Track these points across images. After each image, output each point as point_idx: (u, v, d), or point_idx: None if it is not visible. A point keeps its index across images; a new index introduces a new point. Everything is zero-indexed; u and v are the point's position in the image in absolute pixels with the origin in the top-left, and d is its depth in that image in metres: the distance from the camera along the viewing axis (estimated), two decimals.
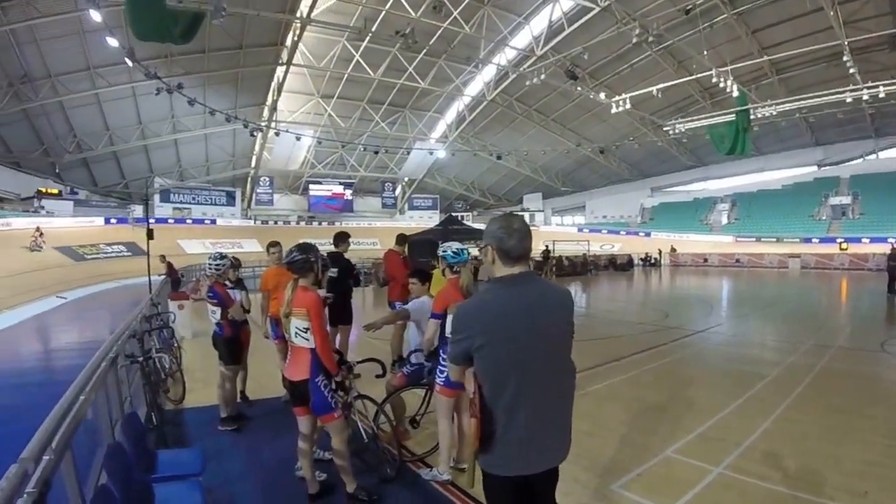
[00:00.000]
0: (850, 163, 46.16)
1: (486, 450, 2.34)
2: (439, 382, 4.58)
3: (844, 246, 39.60)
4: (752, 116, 31.73)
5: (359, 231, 44.45)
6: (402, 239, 9.35)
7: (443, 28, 32.37)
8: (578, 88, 36.43)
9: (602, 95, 36.93)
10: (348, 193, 57.03)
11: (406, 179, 58.53)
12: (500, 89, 41.14)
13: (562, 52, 33.38)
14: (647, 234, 54.36)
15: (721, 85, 30.50)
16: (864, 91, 30.22)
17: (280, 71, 36.70)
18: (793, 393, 7.12)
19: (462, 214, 52.55)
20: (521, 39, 35.94)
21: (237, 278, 7.25)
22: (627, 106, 35.24)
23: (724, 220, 52.22)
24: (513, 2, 33.31)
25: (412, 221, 56.64)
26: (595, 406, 6.62)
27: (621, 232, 57.07)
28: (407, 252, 9.40)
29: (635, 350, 10.12)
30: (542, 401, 2.37)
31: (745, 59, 32.01)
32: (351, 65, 37.55)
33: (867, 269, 35.51)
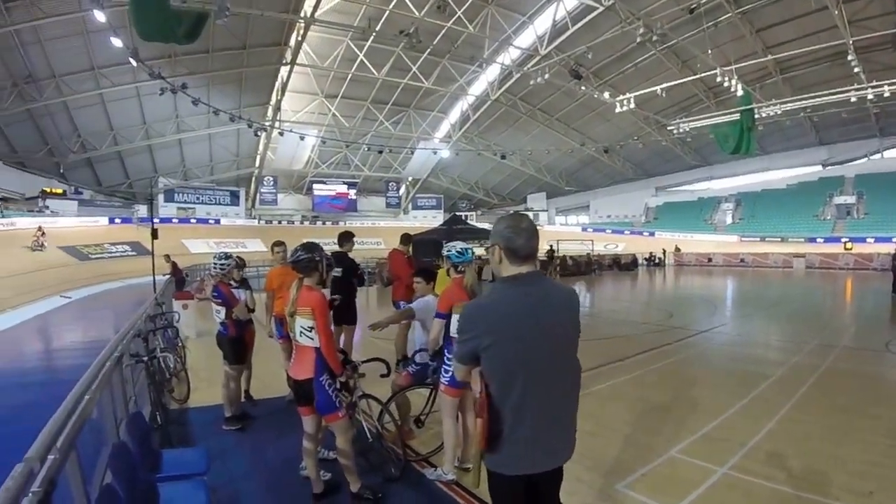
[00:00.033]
0: (855, 162, 46.14)
1: (493, 449, 2.33)
2: (444, 382, 4.57)
3: (849, 245, 39.56)
4: (756, 116, 31.71)
5: (363, 231, 44.56)
6: (407, 238, 9.35)
7: (447, 27, 32.40)
8: (582, 88, 36.47)
9: (606, 95, 36.97)
10: (352, 193, 57.07)
11: (410, 179, 58.63)
12: (504, 89, 41.13)
13: (566, 51, 33.40)
14: (652, 234, 54.29)
15: (725, 84, 30.54)
16: (869, 90, 30.20)
17: (284, 71, 36.80)
18: (797, 393, 7.09)
19: (466, 214, 52.59)
20: (525, 39, 35.97)
21: (241, 278, 7.26)
22: (631, 105, 35.23)
23: (729, 220, 52.19)
24: (517, 1, 33.30)
25: (416, 221, 56.56)
26: (599, 406, 6.60)
27: (625, 231, 57.07)
28: (411, 252, 9.39)
29: (639, 350, 10.09)
30: (548, 400, 2.36)
31: (750, 58, 32.03)
32: (355, 64, 37.58)
33: (872, 269, 35.39)
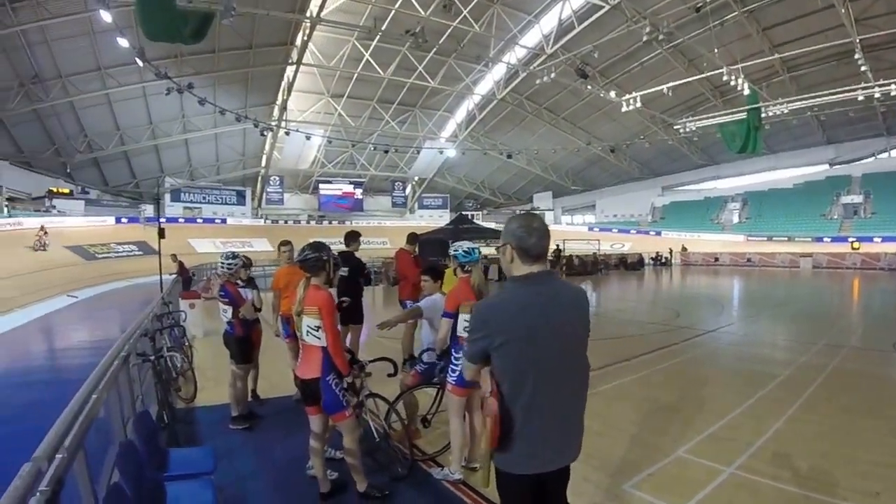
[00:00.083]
0: (862, 161, 46.00)
1: (503, 449, 2.33)
2: (451, 381, 4.56)
3: (856, 245, 39.43)
4: (763, 115, 31.59)
5: (369, 230, 44.57)
6: (413, 238, 9.35)
7: (452, 27, 32.45)
8: (589, 87, 36.44)
9: (612, 94, 36.93)
10: (358, 193, 57.12)
11: (416, 178, 58.63)
12: (510, 88, 41.18)
13: (572, 50, 33.39)
14: (658, 234, 54.26)
15: (732, 83, 30.43)
16: (876, 89, 30.08)
17: (290, 70, 36.84)
18: (805, 393, 7.06)
19: (472, 213, 52.53)
20: (531, 38, 35.97)
21: (248, 277, 7.26)
22: (638, 104, 35.19)
23: (736, 219, 52.09)
24: (522, 0, 33.28)
25: (422, 220, 56.61)
26: (606, 405, 6.57)
27: (632, 231, 57.06)
28: (417, 251, 9.39)
29: (646, 350, 10.06)
30: (557, 399, 2.37)
31: (756, 56, 31.96)
32: (361, 64, 37.64)
33: (879, 269, 35.32)
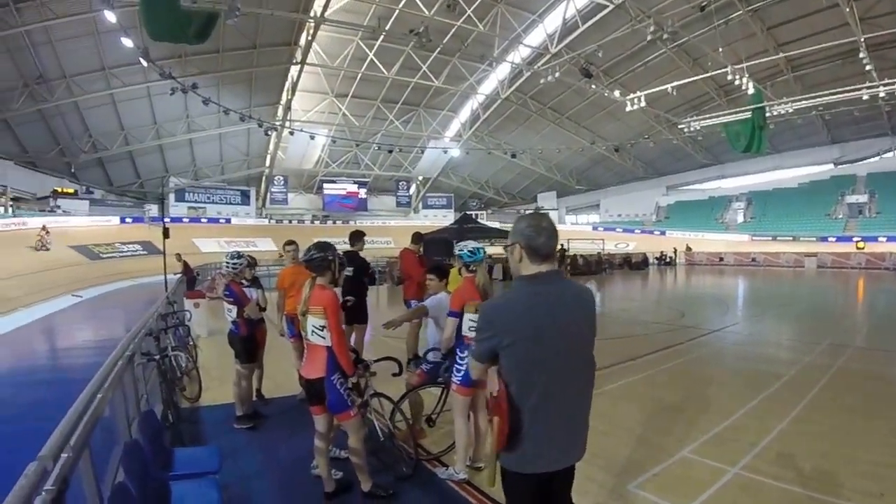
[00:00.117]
0: (867, 161, 45.86)
1: (510, 448, 2.33)
2: (456, 381, 4.54)
3: (861, 245, 39.29)
4: (767, 114, 31.55)
5: (373, 230, 44.71)
6: (418, 238, 9.33)
7: (456, 26, 32.41)
8: (593, 86, 36.39)
9: (616, 93, 36.88)
10: (362, 192, 57.16)
11: (420, 178, 58.64)
12: (514, 87, 41.12)
13: (576, 49, 33.35)
14: (662, 233, 54.19)
15: (736, 82, 30.43)
16: (881, 88, 30.03)
17: (294, 70, 36.89)
18: (809, 393, 7.03)
19: (476, 213, 52.55)
20: (535, 37, 35.94)
21: (253, 277, 7.27)
22: (642, 104, 35.17)
23: (740, 219, 52.04)
24: None
25: (426, 220, 56.67)
26: (611, 405, 6.56)
27: (636, 230, 57.05)
28: (422, 251, 9.38)
29: (651, 349, 10.04)
30: (564, 399, 2.37)
31: (761, 55, 31.89)
32: (365, 64, 37.68)
33: (884, 269, 35.18)
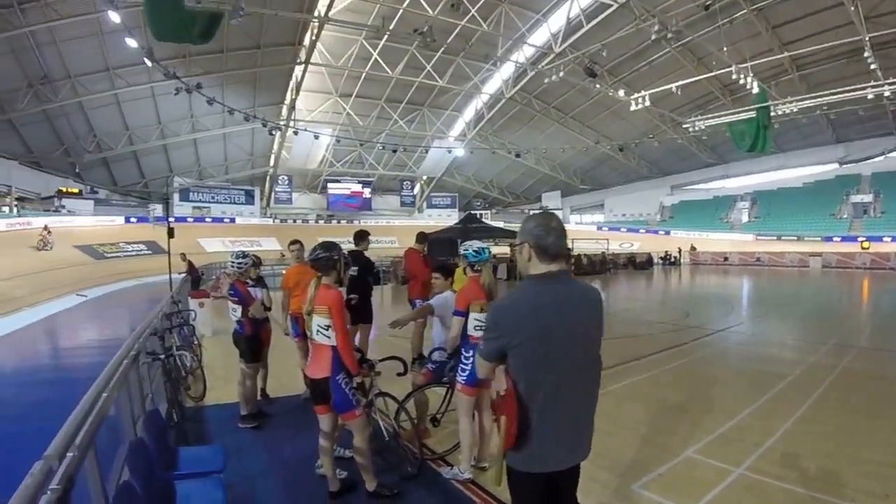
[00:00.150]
0: (872, 160, 45.59)
1: (518, 447, 2.32)
2: (461, 381, 4.54)
3: (866, 245, 39.08)
4: (772, 113, 31.43)
5: (377, 229, 44.52)
6: (423, 237, 9.32)
7: (461, 26, 32.44)
8: (597, 86, 36.32)
9: (621, 93, 36.80)
10: (367, 192, 57.20)
11: (424, 178, 58.67)
12: (518, 87, 41.16)
13: (580, 49, 33.31)
14: (667, 233, 54.07)
15: (741, 81, 30.34)
16: (886, 87, 29.87)
17: (298, 70, 36.95)
18: (814, 394, 7.01)
19: (481, 212, 52.54)
20: (540, 36, 35.88)
21: (258, 276, 7.28)
22: (647, 103, 35.09)
23: (745, 219, 51.85)
24: None
25: (430, 220, 56.62)
26: (615, 405, 6.53)
27: (640, 230, 56.87)
28: (426, 250, 9.37)
29: (655, 349, 10.03)
30: (571, 398, 2.37)
31: (765, 55, 31.82)
32: (369, 63, 37.70)
33: (889, 269, 35.03)
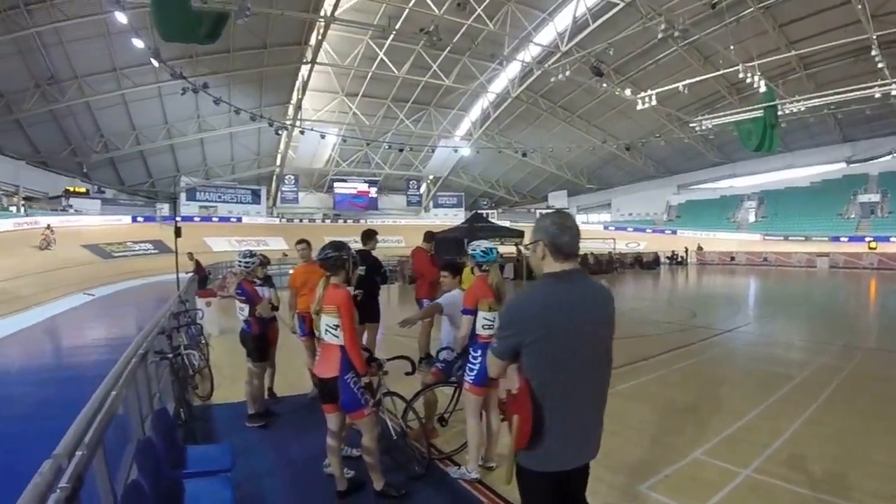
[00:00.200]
0: (879, 160, 45.33)
1: (530, 446, 2.31)
2: (468, 381, 4.52)
3: (873, 245, 38.86)
4: (779, 112, 31.29)
5: (384, 229, 44.64)
6: (430, 237, 9.31)
7: (467, 25, 32.42)
8: (604, 85, 36.27)
9: (628, 91, 36.72)
10: (373, 191, 57.22)
11: (431, 177, 58.61)
12: (524, 86, 41.10)
13: (587, 48, 33.27)
14: (674, 232, 53.88)
15: (748, 80, 30.28)
16: (893, 86, 29.78)
17: (304, 70, 36.96)
18: (821, 395, 6.98)
19: (487, 212, 52.50)
20: (546, 36, 35.87)
21: (265, 275, 7.28)
22: (653, 102, 35.04)
23: (752, 218, 51.70)
24: None
25: (437, 219, 56.65)
26: (623, 405, 6.50)
27: (647, 230, 56.77)
28: (434, 250, 9.36)
29: (663, 349, 10.00)
30: (583, 397, 2.37)
31: (772, 53, 31.70)
32: (375, 63, 37.72)
33: None
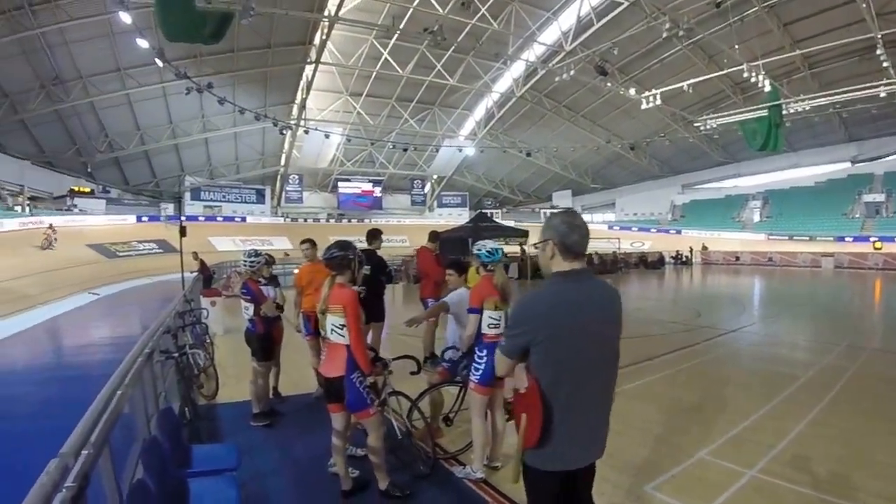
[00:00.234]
0: (885, 159, 45.08)
1: (540, 445, 2.31)
2: (474, 380, 4.52)
3: (878, 245, 38.61)
4: (784, 112, 31.18)
5: (388, 228, 44.25)
6: (435, 236, 9.30)
7: (471, 24, 32.39)
8: (608, 84, 36.23)
9: (632, 91, 36.62)
10: (377, 191, 57.19)
11: (435, 177, 58.56)
12: (528, 85, 41.08)
13: (591, 47, 33.22)
14: (678, 232, 53.74)
15: (752, 80, 30.20)
16: None
17: (309, 69, 37.02)
18: (826, 396, 6.96)
19: (492, 211, 52.47)
20: (550, 35, 35.82)
21: (271, 275, 7.29)
22: (658, 102, 34.96)
23: (757, 218, 51.50)
24: None
25: (441, 219, 56.58)
26: (628, 405, 6.48)
27: (652, 230, 56.59)
28: (438, 249, 9.35)
29: (668, 349, 9.99)
30: (590, 396, 2.38)
31: (777, 52, 31.58)
32: (379, 63, 37.70)
33: None
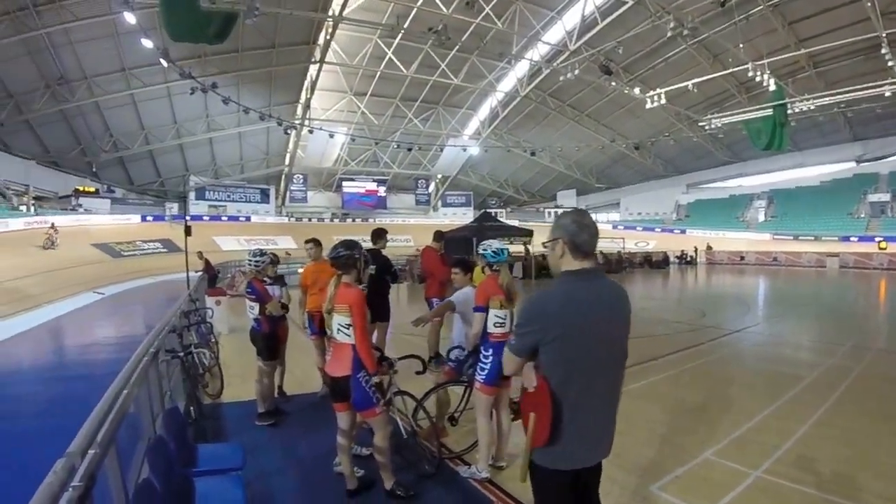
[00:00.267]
0: (890, 159, 44.94)
1: (549, 444, 2.31)
2: (479, 380, 4.52)
3: (883, 245, 38.42)
4: (789, 111, 31.13)
5: (392, 228, 44.41)
6: (440, 236, 9.27)
7: (475, 24, 32.33)
8: (612, 83, 36.11)
9: (636, 90, 36.54)
10: (382, 190, 57.14)
11: (439, 176, 58.59)
12: (533, 85, 41.07)
13: (595, 46, 33.16)
14: (683, 232, 53.70)
15: (757, 79, 30.17)
16: None
17: (313, 69, 37.04)
18: (831, 396, 6.95)
19: (496, 211, 52.45)
20: (554, 34, 35.79)
21: (276, 274, 7.30)
22: (662, 101, 34.93)
23: (761, 218, 51.40)
24: None
25: (445, 218, 56.51)
26: (633, 405, 6.42)
27: (656, 229, 56.54)
28: (443, 249, 9.33)
29: (672, 349, 9.98)
30: (598, 395, 2.39)
31: (782, 51, 31.49)
32: (383, 62, 37.69)
33: None
